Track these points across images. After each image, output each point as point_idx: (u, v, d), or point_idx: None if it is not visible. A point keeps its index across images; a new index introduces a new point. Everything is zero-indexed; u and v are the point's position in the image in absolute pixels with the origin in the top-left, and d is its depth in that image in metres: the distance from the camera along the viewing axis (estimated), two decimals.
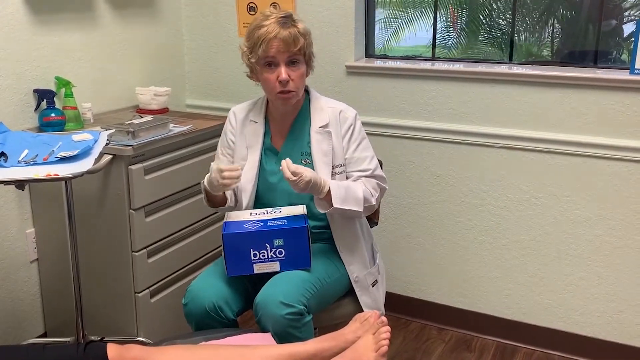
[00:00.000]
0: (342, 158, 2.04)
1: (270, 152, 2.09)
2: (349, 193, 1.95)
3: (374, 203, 2.02)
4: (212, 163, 2.13)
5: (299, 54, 1.96)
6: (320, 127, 2.04)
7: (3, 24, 2.41)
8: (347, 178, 2.05)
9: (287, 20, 1.96)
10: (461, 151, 2.73)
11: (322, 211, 1.96)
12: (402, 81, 2.78)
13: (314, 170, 1.99)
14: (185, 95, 3.34)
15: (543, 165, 2.59)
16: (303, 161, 2.04)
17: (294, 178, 1.83)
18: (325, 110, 2.07)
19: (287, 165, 1.84)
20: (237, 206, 2.11)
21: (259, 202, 2.09)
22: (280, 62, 1.94)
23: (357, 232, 2.10)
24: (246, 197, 2.06)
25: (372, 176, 2.05)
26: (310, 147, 2.04)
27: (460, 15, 4.06)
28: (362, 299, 2.07)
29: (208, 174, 1.98)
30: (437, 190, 2.82)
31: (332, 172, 2.02)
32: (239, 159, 2.09)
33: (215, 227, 2.84)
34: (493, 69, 2.63)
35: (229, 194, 2.05)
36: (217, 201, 2.06)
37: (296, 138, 2.07)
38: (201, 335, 1.85)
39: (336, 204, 1.91)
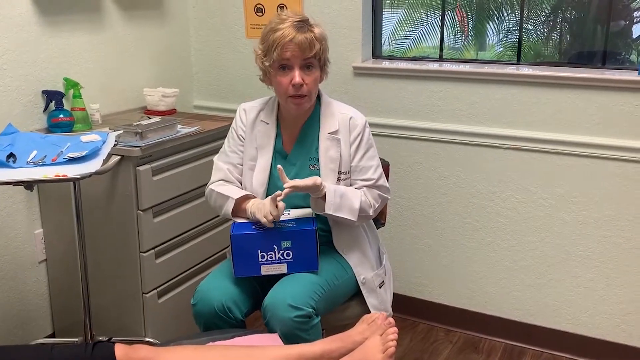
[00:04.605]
0: (348, 165, 2.03)
1: (280, 155, 2.07)
2: (344, 201, 1.94)
3: (370, 214, 2.01)
4: (215, 158, 2.13)
5: (314, 59, 1.94)
6: (330, 133, 2.02)
7: (12, 26, 2.42)
8: (350, 185, 2.04)
9: (304, 24, 1.93)
10: (468, 152, 2.72)
11: (316, 212, 1.96)
12: (410, 82, 2.78)
13: (320, 176, 1.98)
14: (192, 97, 3.34)
15: (551, 167, 2.58)
16: (311, 167, 2.04)
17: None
18: (336, 116, 2.05)
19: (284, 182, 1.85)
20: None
21: None
22: (294, 66, 1.92)
23: (360, 234, 2.09)
24: None
25: (374, 186, 2.03)
26: (318, 152, 2.03)
27: (467, 17, 4.05)
28: (369, 300, 2.06)
29: (220, 184, 2.04)
30: (444, 192, 2.81)
31: (338, 178, 2.01)
32: (247, 158, 2.08)
33: (223, 227, 2.84)
34: (501, 70, 2.62)
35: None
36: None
37: (305, 142, 2.06)
38: (208, 336, 1.85)
39: (329, 210, 1.91)
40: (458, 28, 3.88)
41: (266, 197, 2.05)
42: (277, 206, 1.86)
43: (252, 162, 2.07)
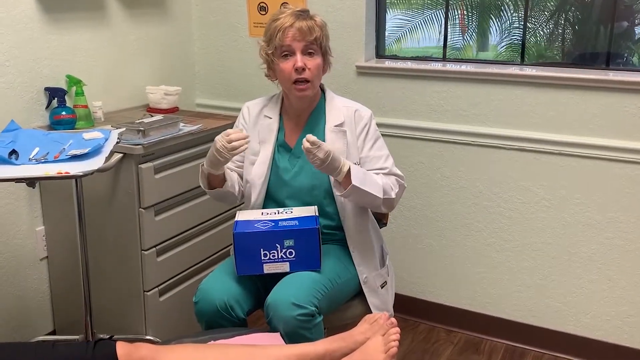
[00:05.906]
0: (356, 157, 2.04)
1: (284, 148, 2.08)
2: (367, 176, 1.94)
3: (393, 196, 2.00)
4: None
5: (315, 44, 1.97)
6: (335, 125, 2.04)
7: (15, 23, 2.42)
8: None
9: (304, 13, 1.99)
10: (471, 153, 2.72)
11: (339, 194, 1.94)
12: (413, 82, 2.77)
13: None
14: (195, 95, 3.34)
15: (554, 168, 2.58)
16: None
17: (311, 147, 1.80)
18: (341, 109, 2.07)
19: (307, 137, 1.81)
20: (242, 199, 2.12)
21: (269, 198, 2.08)
22: (296, 51, 1.95)
23: (369, 232, 2.10)
24: (255, 193, 2.06)
25: (390, 174, 2.05)
26: None
27: (469, 18, 4.05)
28: (371, 300, 2.06)
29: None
30: (446, 192, 2.81)
31: None
32: (250, 153, 2.08)
33: (225, 226, 2.84)
34: (504, 70, 2.62)
35: (228, 174, 2.04)
36: (216, 182, 2.03)
37: None
38: (209, 335, 1.84)
39: (355, 182, 1.88)
40: (458, 28, 3.88)
41: (266, 190, 2.06)
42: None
43: (254, 156, 2.08)
